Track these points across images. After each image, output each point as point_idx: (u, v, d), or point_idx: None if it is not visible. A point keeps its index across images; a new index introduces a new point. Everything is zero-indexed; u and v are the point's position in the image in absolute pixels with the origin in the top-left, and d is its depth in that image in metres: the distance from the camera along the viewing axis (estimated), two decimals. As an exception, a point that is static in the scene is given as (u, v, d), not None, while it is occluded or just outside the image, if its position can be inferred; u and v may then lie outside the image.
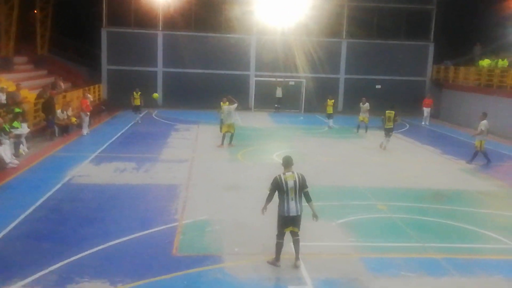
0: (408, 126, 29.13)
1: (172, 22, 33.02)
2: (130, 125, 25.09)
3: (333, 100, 26.79)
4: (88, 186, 13.64)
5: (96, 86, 31.13)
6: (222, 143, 20.10)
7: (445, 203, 13.38)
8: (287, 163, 8.88)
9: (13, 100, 19.06)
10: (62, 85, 26.63)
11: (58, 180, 13.95)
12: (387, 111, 20.71)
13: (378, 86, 34.57)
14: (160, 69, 33.43)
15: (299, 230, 8.77)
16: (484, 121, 18.21)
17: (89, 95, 25.19)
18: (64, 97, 24.27)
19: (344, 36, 34.53)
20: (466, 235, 11.04)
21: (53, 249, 9.26)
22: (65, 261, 8.67)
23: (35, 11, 31.69)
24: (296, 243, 8.81)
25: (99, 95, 31.56)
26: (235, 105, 20.17)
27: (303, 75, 33.76)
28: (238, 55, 33.68)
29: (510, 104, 26.39)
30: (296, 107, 34.29)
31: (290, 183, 8.56)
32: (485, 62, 30.43)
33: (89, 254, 9.05)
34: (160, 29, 33.15)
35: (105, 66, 33.03)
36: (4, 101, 19.20)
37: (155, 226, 10.64)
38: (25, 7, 29.16)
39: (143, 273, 8.33)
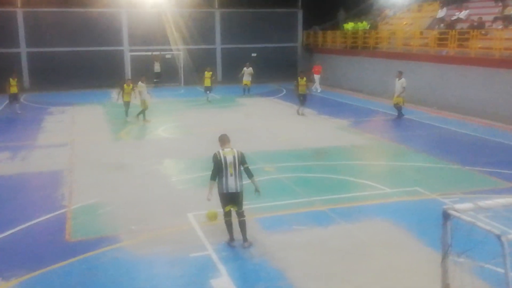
0: (285, 91, 30.34)
1: (32, -2, 30.60)
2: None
3: (210, 73, 26.42)
4: (-42, 182, 12.51)
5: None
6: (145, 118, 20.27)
7: (325, 159, 14.38)
8: (224, 140, 8.79)
9: None
10: None
11: None
12: (298, 78, 21.36)
13: (254, 54, 35.34)
14: (23, 49, 30.93)
15: (241, 209, 8.55)
16: (403, 79, 20.09)
17: None
18: None
19: (216, 6, 34.60)
20: (346, 186, 12.03)
21: None
22: None
23: None
24: (242, 224, 8.54)
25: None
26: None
27: (180, 48, 33.41)
28: (109, 30, 32.24)
29: (373, 63, 28.63)
30: (175, 80, 33.95)
31: (229, 158, 8.44)
32: (349, 26, 32.51)
33: (-29, 253, 8.43)
34: (19, 6, 30.53)
35: (-42, 49, 29.81)
36: None
37: (41, 215, 10.13)
38: None
39: (37, 264, 7.98)
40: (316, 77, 30.77)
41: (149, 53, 32.63)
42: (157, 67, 32.62)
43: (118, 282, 7.47)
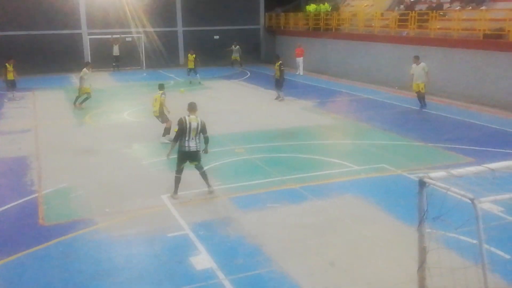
0: (249, 73, 30.40)
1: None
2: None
3: (194, 55, 26.10)
4: None
5: None
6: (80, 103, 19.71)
7: (293, 139, 14.63)
8: (192, 107, 9.88)
9: None
10: None
11: None
12: (275, 63, 20.90)
13: (216, 37, 35.19)
14: (-23, 33, 29.78)
15: (199, 162, 9.88)
16: (423, 63, 18.20)
17: None
18: None
19: (177, -12, 34.13)
20: (315, 164, 12.32)
21: None
22: None
23: None
24: (203, 175, 9.99)
25: None
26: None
27: (141, 30, 32.86)
28: (66, 13, 31.32)
29: (336, 45, 29.03)
30: (137, 64, 33.44)
31: (194, 125, 9.56)
32: (311, 8, 32.71)
33: None
34: (-30, -12, 29.29)
35: None
36: None
37: (12, 200, 10.00)
38: None
39: (12, 248, 7.92)
40: (299, 60, 29.80)
41: (109, 36, 31.97)
42: (116, 51, 31.88)
43: (97, 263, 7.50)
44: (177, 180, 9.87)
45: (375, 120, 17.01)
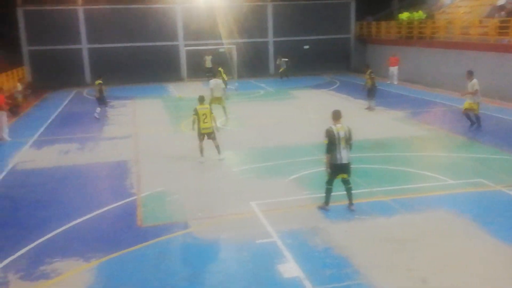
0: (338, 83, 30.19)
1: (92, -5, 31.87)
2: (62, 106, 24.30)
3: (222, 70, 24.01)
4: (35, 171, 13.37)
5: (19, 69, 29.64)
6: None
7: (384, 150, 14.34)
8: (337, 115, 9.57)
9: None
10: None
11: (1, 168, 13.52)
12: (366, 72, 20.67)
13: (306, 47, 35.33)
14: (84, 46, 32.29)
15: (349, 176, 9.63)
16: (475, 80, 15.93)
17: (19, 84, 21.99)
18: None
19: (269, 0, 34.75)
20: (406, 176, 11.98)
21: (15, 235, 9.17)
22: (31, 245, 8.65)
23: None
24: (348, 190, 9.69)
25: (23, 78, 30.11)
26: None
27: (233, 41, 33.81)
28: (165, 26, 33.13)
29: (430, 54, 28.01)
30: (229, 74, 34.37)
31: (342, 134, 9.36)
32: (404, 15, 31.88)
33: (53, 236, 9.05)
34: (80, 4, 31.84)
35: (25, 47, 31.49)
36: None
37: (113, 202, 10.72)
38: None
39: (113, 247, 8.51)
40: (393, 69, 28.85)
41: (204, 47, 33.18)
42: (208, 62, 32.83)
43: (190, 265, 7.86)
44: (328, 192, 9.71)
45: (472, 132, 16.19)
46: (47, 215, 10.07)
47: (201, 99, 13.28)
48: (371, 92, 20.51)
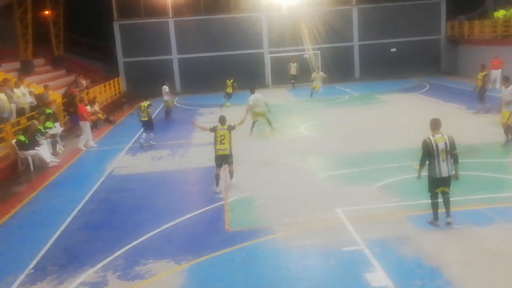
0: (428, 86, 29.08)
1: (182, 8, 33.24)
2: (155, 114, 25.52)
3: (231, 80, 26.89)
4: (130, 176, 14.16)
5: (115, 79, 31.62)
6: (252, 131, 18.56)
7: (478, 156, 13.61)
8: (436, 125, 9.00)
9: (42, 101, 19.59)
10: (84, 82, 27.13)
11: (100, 173, 14.47)
12: (480, 73, 19.71)
13: (393, 49, 34.40)
14: (175, 56, 33.76)
15: (449, 189, 9.01)
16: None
17: (96, 105, 22.17)
18: (87, 93, 24.75)
19: (354, 3, 34.29)
20: (503, 184, 11.31)
21: (112, 236, 9.78)
22: (127, 247, 9.17)
23: (47, 12, 32.05)
24: (446, 201, 9.05)
25: (118, 88, 32.07)
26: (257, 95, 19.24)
27: (317, 47, 33.71)
28: (250, 34, 33.77)
29: (529, 53, 26.17)
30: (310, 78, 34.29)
31: (441, 145, 8.69)
32: (500, 13, 30.06)
33: (147, 238, 9.54)
34: (171, 16, 33.36)
35: (121, 59, 33.50)
36: (33, 104, 19.74)
37: (202, 206, 11.08)
38: (37, 9, 29.56)
39: (202, 250, 8.80)
40: (495, 72, 25.75)
41: (288, 54, 33.36)
42: (293, 69, 32.69)
43: (276, 271, 7.93)
44: (435, 206, 9.09)
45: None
46: (141, 219, 10.63)
47: (222, 120, 12.21)
48: (481, 95, 19.46)
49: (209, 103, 27.85)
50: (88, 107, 21.37)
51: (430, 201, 9.18)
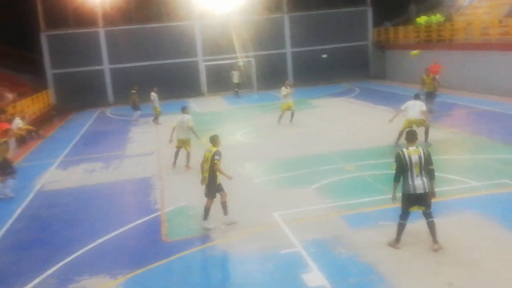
0: (358, 90, 30.08)
1: (112, 17, 32.54)
2: (87, 126, 24.79)
3: (134, 91, 25.52)
4: (62, 191, 13.65)
5: (44, 92, 30.41)
6: (175, 162, 15.21)
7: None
8: (410, 137, 8.24)
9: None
10: (10, 96, 25.89)
11: (29, 189, 13.84)
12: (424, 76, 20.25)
13: (324, 56, 35.34)
14: (106, 66, 32.96)
15: (429, 209, 8.09)
16: None
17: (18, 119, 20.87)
18: (14, 107, 23.66)
19: (285, 11, 34.94)
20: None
21: (44, 254, 9.38)
22: (59, 264, 8.83)
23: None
24: (430, 225, 8.13)
25: (48, 101, 30.87)
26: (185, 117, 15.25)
27: (252, 54, 34.02)
28: (184, 43, 33.56)
29: (449, 56, 27.70)
30: (249, 86, 34.62)
31: (414, 158, 7.91)
32: (422, 19, 31.68)
33: (81, 254, 9.22)
34: (101, 26, 32.58)
35: (49, 70, 32.29)
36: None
37: (138, 218, 10.87)
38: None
39: (139, 262, 8.63)
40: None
41: (222, 62, 33.45)
42: (235, 78, 32.54)
43: (216, 279, 7.94)
44: (400, 227, 8.20)
45: (495, 133, 15.96)
46: (74, 234, 10.27)
47: (213, 141, 9.99)
48: (431, 97, 20.11)
49: (144, 113, 27.35)
50: (20, 121, 20.50)
51: (359, 200, 9.47)
